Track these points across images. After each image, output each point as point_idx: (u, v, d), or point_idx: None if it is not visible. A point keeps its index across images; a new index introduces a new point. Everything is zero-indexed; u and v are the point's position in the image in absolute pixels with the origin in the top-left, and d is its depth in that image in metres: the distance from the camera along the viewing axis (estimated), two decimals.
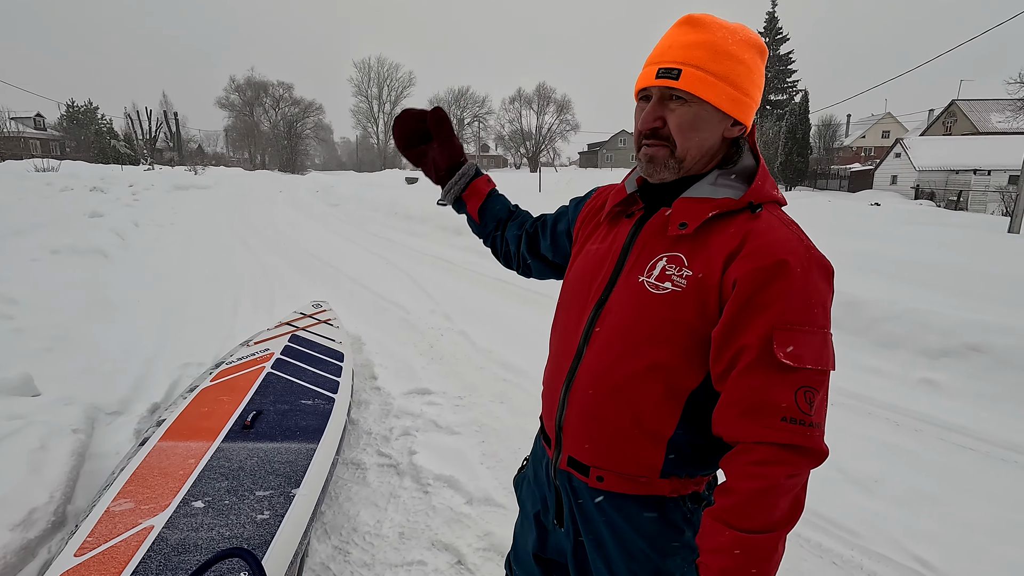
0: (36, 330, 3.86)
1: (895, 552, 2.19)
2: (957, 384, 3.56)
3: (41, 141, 46.59)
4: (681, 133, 0.91)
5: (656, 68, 0.89)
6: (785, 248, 0.85)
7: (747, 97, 0.90)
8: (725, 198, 0.91)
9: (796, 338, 0.81)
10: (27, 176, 15.68)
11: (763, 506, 0.79)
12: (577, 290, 1.06)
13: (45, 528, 2.05)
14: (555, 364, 1.08)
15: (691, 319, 0.89)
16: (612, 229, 1.05)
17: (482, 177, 1.35)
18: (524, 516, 1.24)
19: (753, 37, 0.91)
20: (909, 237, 8.61)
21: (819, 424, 0.84)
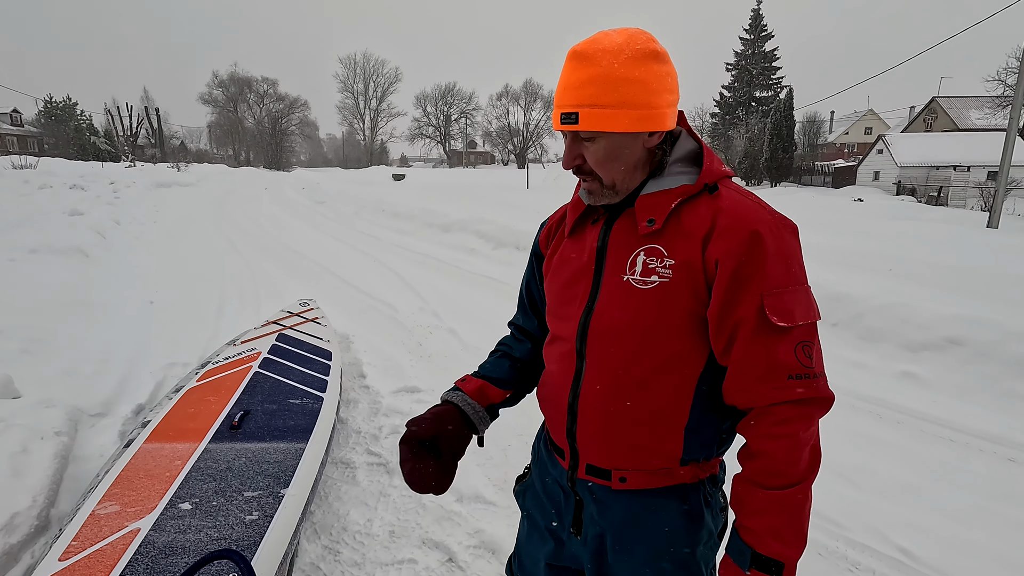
0: (15, 331, 3.79)
1: (878, 542, 2.23)
2: (937, 376, 3.63)
3: (18, 137, 45.65)
4: (600, 167, 0.93)
5: (559, 113, 0.90)
6: (754, 219, 0.89)
7: (653, 109, 0.89)
8: (682, 185, 0.94)
9: (784, 300, 0.87)
10: (3, 174, 15.33)
11: (791, 462, 0.86)
12: (562, 300, 1.06)
13: (28, 532, 2.02)
14: (555, 377, 1.07)
15: (687, 304, 0.92)
16: (580, 237, 1.05)
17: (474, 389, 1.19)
18: (533, 526, 1.20)
19: (643, 47, 0.87)
20: (890, 232, 8.76)
21: (821, 373, 0.89)
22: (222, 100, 65.04)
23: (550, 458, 1.13)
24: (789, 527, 0.87)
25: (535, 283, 1.21)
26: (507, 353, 1.25)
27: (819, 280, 4.72)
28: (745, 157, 34.08)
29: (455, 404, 1.16)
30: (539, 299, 1.21)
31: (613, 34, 0.88)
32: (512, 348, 1.26)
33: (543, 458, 1.16)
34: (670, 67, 0.91)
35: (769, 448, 0.87)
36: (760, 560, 0.87)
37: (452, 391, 1.19)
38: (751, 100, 42.39)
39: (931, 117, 38.25)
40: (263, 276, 6.96)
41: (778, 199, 19.77)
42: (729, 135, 38.13)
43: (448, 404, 1.17)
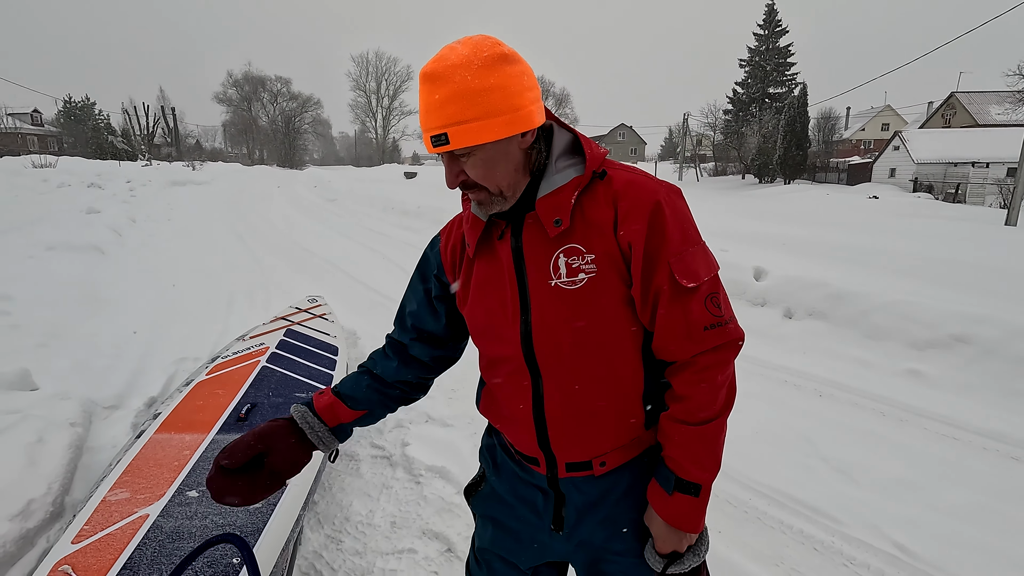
0: (33, 326, 3.91)
1: (874, 538, 2.24)
2: (942, 374, 3.61)
3: (39, 137, 46.51)
4: (483, 179, 0.94)
5: (428, 136, 0.90)
6: (649, 193, 0.95)
7: (517, 111, 0.89)
8: (573, 179, 0.96)
9: (687, 261, 0.94)
10: (23, 172, 15.66)
11: (710, 402, 0.96)
12: (492, 322, 1.05)
13: (43, 518, 2.10)
14: (509, 395, 1.07)
15: (618, 291, 0.97)
16: (490, 255, 1.04)
17: (324, 406, 1.16)
18: (500, 529, 1.18)
19: (490, 53, 0.87)
20: (902, 230, 8.65)
21: (730, 318, 0.97)
22: (236, 99, 65.75)
23: (520, 467, 1.12)
24: (708, 456, 0.97)
25: (426, 308, 1.17)
26: (369, 370, 1.21)
27: (825, 278, 4.71)
28: (758, 154, 33.71)
29: (291, 420, 1.15)
30: (431, 323, 1.17)
31: (459, 47, 0.88)
32: (375, 364, 1.21)
33: (509, 468, 1.14)
34: (523, 65, 0.91)
35: (692, 392, 0.96)
36: (683, 484, 0.98)
37: (300, 405, 1.16)
38: (765, 96, 41.90)
39: (950, 113, 37.58)
40: (273, 273, 7.06)
41: (789, 197, 19.59)
42: (742, 132, 37.76)
43: (282, 420, 1.14)
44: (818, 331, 4.36)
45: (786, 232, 8.76)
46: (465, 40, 0.89)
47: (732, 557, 2.13)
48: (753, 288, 5.02)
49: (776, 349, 4.26)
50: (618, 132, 72.30)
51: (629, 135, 72.50)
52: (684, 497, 0.97)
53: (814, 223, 10.47)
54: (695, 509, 0.98)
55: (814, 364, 3.96)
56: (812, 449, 2.88)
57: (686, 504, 0.97)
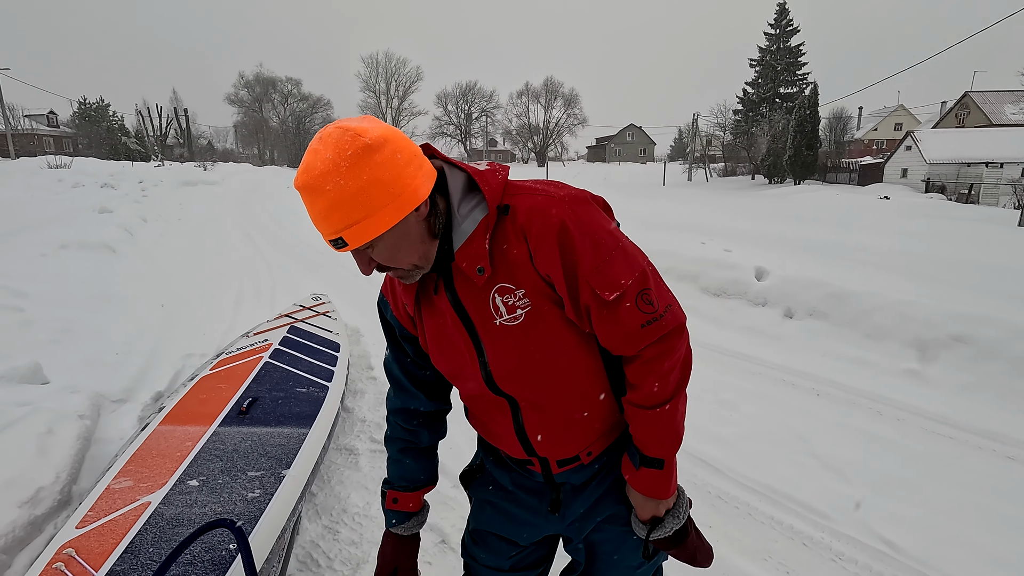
0: (45, 322, 4.01)
1: (863, 535, 2.26)
2: (941, 374, 3.61)
3: (54, 138, 47.23)
4: (392, 261, 0.95)
5: (328, 240, 0.91)
6: (551, 218, 0.94)
7: (402, 193, 0.87)
8: (481, 222, 0.97)
9: (605, 273, 0.95)
10: (39, 173, 15.96)
11: (661, 388, 1.01)
12: (454, 368, 1.12)
13: (51, 506, 2.17)
14: (491, 418, 1.15)
15: (556, 316, 1.01)
16: (431, 308, 1.08)
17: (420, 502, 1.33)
18: (497, 511, 1.27)
19: (353, 151, 0.83)
20: (909, 230, 8.60)
21: (666, 308, 0.99)
22: (248, 100, 66.40)
23: (519, 466, 1.20)
24: (666, 434, 1.04)
25: (406, 359, 1.22)
26: (415, 447, 1.30)
27: (826, 278, 4.71)
28: (768, 154, 33.50)
29: (415, 535, 1.33)
30: (419, 372, 1.23)
31: (322, 150, 0.84)
32: (419, 439, 1.30)
33: (509, 467, 1.23)
34: (392, 144, 0.87)
35: (642, 382, 1.02)
36: (647, 460, 1.06)
37: (405, 519, 1.30)
38: (775, 96, 41.64)
39: (963, 112, 37.12)
40: (280, 271, 7.16)
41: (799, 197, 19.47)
42: (752, 132, 37.53)
43: (411, 537, 1.32)
44: (818, 331, 4.37)
45: (791, 232, 8.73)
46: (325, 137, 0.85)
47: (720, 551, 2.16)
48: (754, 288, 5.02)
49: (775, 348, 4.27)
50: (627, 132, 72.11)
51: (638, 135, 72.29)
52: (649, 471, 1.06)
53: (821, 223, 10.42)
54: (662, 479, 1.06)
55: (813, 363, 3.96)
56: (806, 447, 2.90)
57: (652, 476, 1.06)
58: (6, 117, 33.73)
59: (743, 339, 4.49)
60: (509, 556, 1.27)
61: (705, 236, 7.27)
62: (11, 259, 5.64)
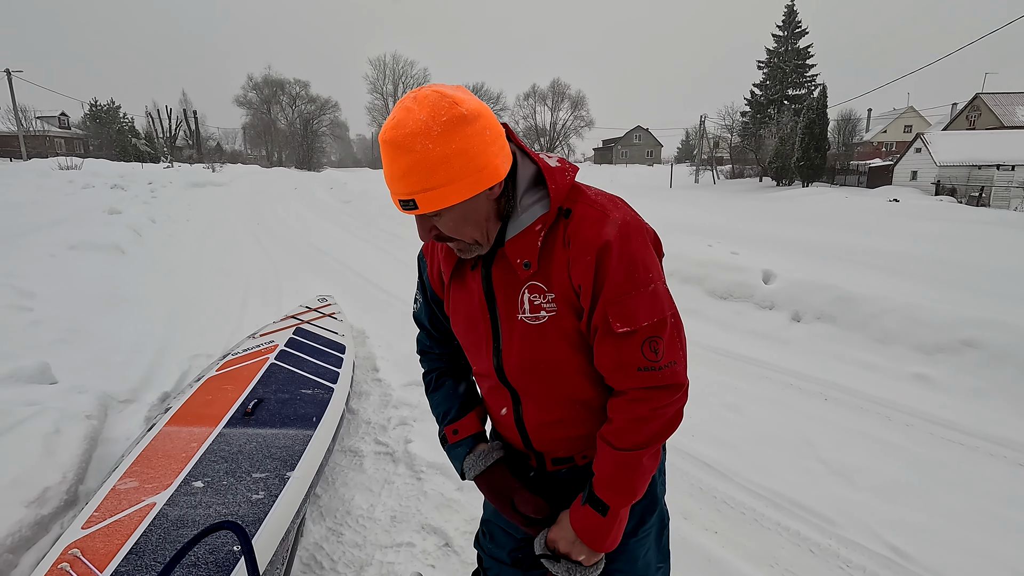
0: (53, 322, 4.04)
1: (870, 541, 2.24)
2: (950, 379, 3.56)
3: (66, 139, 47.65)
4: (456, 232, 0.96)
5: (396, 199, 0.92)
6: (599, 234, 0.94)
7: (483, 170, 0.88)
8: (540, 217, 0.97)
9: (626, 306, 0.94)
10: (50, 174, 16.11)
11: (633, 432, 0.98)
12: (469, 343, 1.13)
13: (58, 506, 2.18)
14: (495, 404, 1.17)
15: (575, 326, 1.01)
16: (463, 283, 1.09)
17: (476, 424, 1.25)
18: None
19: (448, 117, 0.84)
20: (917, 233, 8.52)
21: (670, 363, 0.97)
22: (256, 102, 66.72)
23: (517, 456, 1.22)
24: (620, 481, 1.00)
25: (434, 315, 1.24)
26: (452, 369, 1.29)
27: (834, 281, 4.67)
28: (776, 156, 33.30)
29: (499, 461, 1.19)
30: (445, 327, 1.24)
31: (415, 109, 0.85)
32: (454, 362, 1.29)
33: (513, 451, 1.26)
34: (483, 120, 0.88)
35: (617, 419, 1.00)
36: (593, 499, 1.02)
37: (475, 443, 1.20)
38: (783, 98, 41.41)
39: (974, 114, 36.76)
40: (287, 272, 7.19)
41: (807, 200, 19.37)
42: (760, 134, 37.34)
43: (498, 466, 1.19)
44: (826, 334, 4.33)
45: (799, 235, 8.68)
46: (421, 99, 0.86)
47: (726, 557, 2.15)
48: (761, 291, 4.99)
49: (782, 352, 4.24)
50: (634, 134, 71.97)
51: (645, 137, 72.13)
52: (591, 511, 1.01)
53: (829, 226, 10.35)
54: (599, 527, 1.01)
55: (820, 367, 3.93)
56: (812, 452, 2.87)
57: (591, 518, 1.01)
58: (18, 119, 34.09)
59: (749, 342, 4.46)
60: (509, 549, 1.29)
61: (712, 238, 7.23)
62: (21, 259, 5.69)
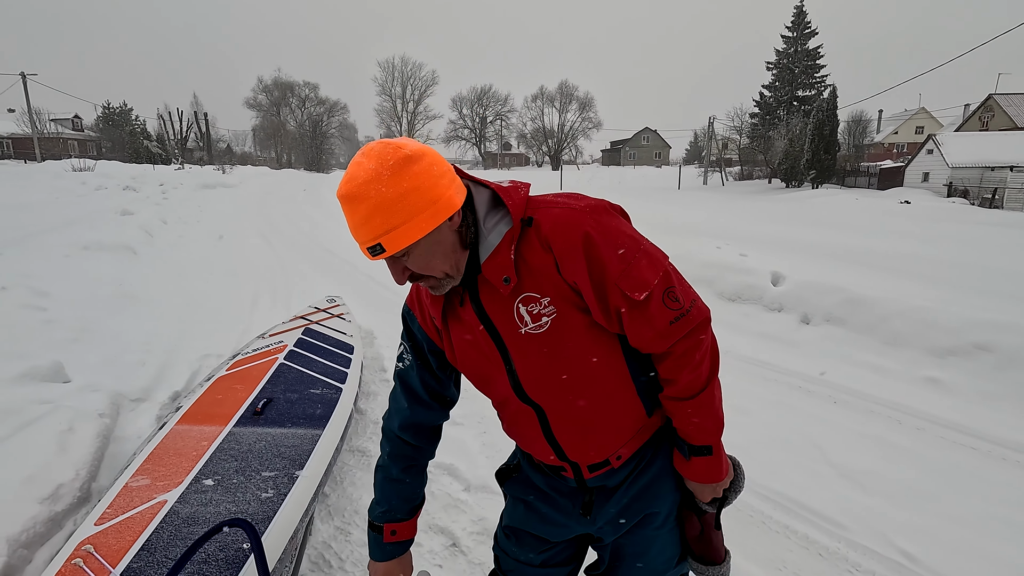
0: (67, 321, 4.09)
1: (880, 545, 2.22)
2: (962, 383, 3.53)
3: (79, 141, 48.25)
4: (427, 269, 1.00)
5: (364, 248, 0.96)
6: (575, 228, 0.99)
7: (437, 201, 0.94)
8: (506, 234, 1.01)
9: (632, 275, 0.99)
10: (64, 175, 16.32)
11: (695, 379, 1.06)
12: (483, 376, 1.15)
13: (71, 503, 2.21)
14: (522, 425, 1.17)
15: (581, 322, 1.04)
16: (457, 320, 1.12)
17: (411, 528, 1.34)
18: (531, 510, 1.29)
19: (394, 160, 0.91)
20: (929, 235, 8.44)
21: (690, 304, 1.04)
22: (266, 104, 67.20)
23: (553, 472, 1.23)
24: (707, 420, 1.09)
25: (427, 372, 1.24)
26: (417, 465, 1.32)
27: (843, 283, 4.64)
28: (785, 158, 33.11)
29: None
30: (437, 386, 1.25)
31: (364, 161, 0.92)
32: (423, 456, 1.32)
33: (544, 471, 1.26)
34: (428, 158, 0.94)
35: (677, 376, 1.06)
36: (695, 449, 1.12)
37: (404, 550, 1.32)
38: (793, 99, 41.16)
39: (987, 115, 36.36)
40: (296, 273, 7.24)
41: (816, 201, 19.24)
42: (769, 136, 37.14)
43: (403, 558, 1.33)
44: (835, 337, 4.30)
45: (809, 237, 8.62)
46: (367, 151, 0.93)
47: (734, 559, 2.13)
48: (770, 293, 4.97)
49: (791, 355, 4.21)
50: (642, 136, 71.81)
51: (653, 139, 71.95)
52: (700, 459, 1.12)
53: (839, 228, 10.28)
54: (713, 464, 1.12)
55: (830, 370, 3.90)
56: (821, 455, 2.85)
57: (704, 463, 1.12)
58: (33, 121, 34.57)
59: (758, 345, 4.44)
60: (540, 551, 1.30)
61: (720, 240, 7.20)
62: (36, 259, 5.77)
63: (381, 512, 1.30)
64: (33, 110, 34.50)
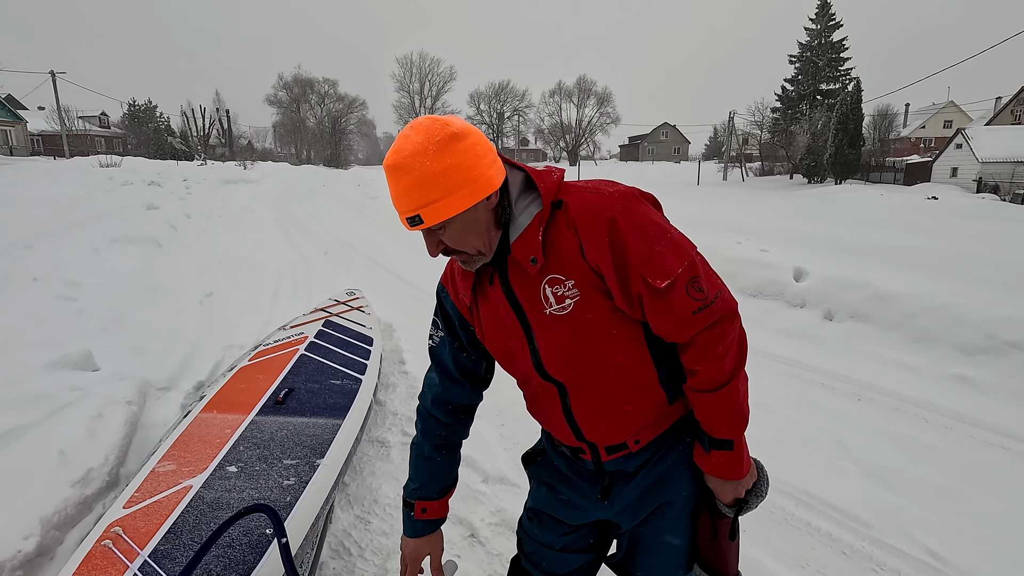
0: (96, 311, 4.20)
1: (906, 544, 2.18)
2: (993, 381, 3.43)
3: (105, 138, 49.30)
4: (461, 244, 1.02)
5: (404, 218, 0.98)
6: (601, 212, 1.00)
7: (477, 180, 0.96)
8: (536, 216, 1.03)
9: (656, 263, 0.99)
10: (92, 172, 16.72)
11: (718, 371, 1.04)
12: (507, 354, 1.17)
13: (100, 486, 2.27)
14: (543, 403, 1.19)
15: (604, 306, 1.04)
16: (484, 298, 1.15)
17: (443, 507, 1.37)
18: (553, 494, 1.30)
19: (441, 136, 0.94)
20: (957, 231, 8.22)
21: (716, 294, 1.03)
22: (286, 101, 67.96)
23: (572, 454, 1.24)
24: (731, 414, 1.07)
25: (459, 348, 1.26)
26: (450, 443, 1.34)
27: (868, 279, 4.55)
28: (808, 153, 32.51)
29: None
30: (467, 362, 1.27)
31: (412, 135, 0.95)
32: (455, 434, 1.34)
33: (562, 452, 1.27)
34: (473, 137, 0.97)
35: (700, 367, 1.05)
36: (716, 442, 1.09)
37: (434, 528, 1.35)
38: (816, 93, 40.40)
39: (1020, 108, 35.26)
40: (316, 267, 7.32)
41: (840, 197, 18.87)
42: (791, 130, 36.51)
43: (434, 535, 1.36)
44: (860, 333, 4.22)
45: (833, 233, 8.46)
46: (416, 125, 0.96)
47: (755, 555, 2.11)
48: (792, 288, 4.89)
49: (814, 351, 4.14)
50: (661, 131, 71.08)
51: (672, 134, 71.18)
52: (720, 453, 1.10)
53: (864, 224, 10.08)
54: (733, 460, 1.09)
55: (854, 367, 3.83)
56: (845, 452, 2.80)
57: (723, 458, 1.09)
58: (62, 119, 35.40)
59: (780, 341, 4.37)
60: (561, 534, 1.31)
61: (741, 236, 7.10)
62: (67, 252, 5.92)
63: (413, 489, 1.35)
64: (62, 108, 35.33)
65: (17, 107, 41.68)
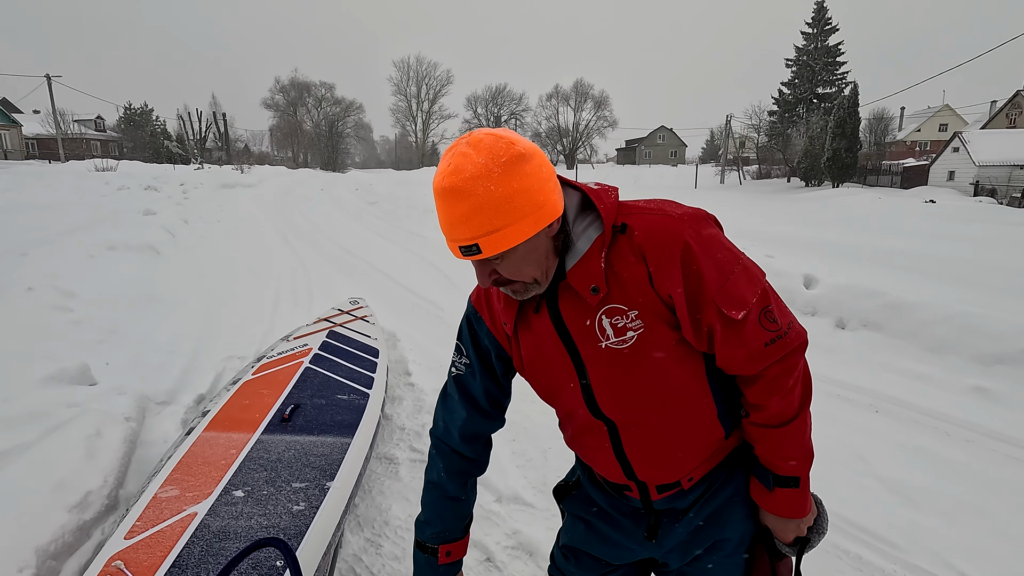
0: (92, 322, 4.09)
1: (937, 566, 2.10)
2: (1012, 392, 3.37)
3: (101, 142, 49.05)
4: (516, 275, 0.92)
5: (456, 246, 0.88)
6: (670, 236, 0.91)
7: (542, 207, 0.86)
8: (596, 240, 0.94)
9: (730, 292, 0.92)
10: (87, 176, 16.59)
11: (786, 406, 0.98)
12: (552, 389, 1.07)
13: (99, 511, 2.17)
14: (591, 440, 1.09)
15: (669, 339, 0.95)
16: (529, 328, 1.04)
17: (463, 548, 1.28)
18: (592, 530, 1.21)
19: (507, 157, 0.83)
20: (960, 235, 8.19)
21: (787, 326, 0.96)
22: (283, 104, 67.79)
23: (616, 491, 1.15)
24: (798, 451, 1.01)
25: (491, 381, 1.17)
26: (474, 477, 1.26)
27: (880, 287, 4.49)
28: (805, 156, 32.57)
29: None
30: (499, 394, 1.19)
31: (473, 155, 0.84)
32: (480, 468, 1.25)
33: (605, 489, 1.18)
34: (538, 157, 0.87)
35: (767, 402, 0.98)
36: (781, 479, 1.02)
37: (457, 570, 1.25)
38: (813, 97, 40.54)
39: (1015, 112, 35.43)
40: (316, 274, 7.22)
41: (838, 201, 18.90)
42: (788, 134, 36.60)
43: None
44: (873, 343, 4.15)
45: (837, 237, 8.42)
46: (476, 143, 0.85)
47: None
48: (803, 296, 4.82)
49: (827, 361, 4.07)
50: (658, 134, 71.22)
51: (669, 137, 71.32)
52: (784, 491, 1.02)
53: (863, 228, 10.05)
54: (798, 498, 1.03)
55: (869, 378, 3.76)
56: (867, 468, 2.73)
57: (789, 496, 1.03)
58: (57, 122, 35.18)
59: None
60: (600, 574, 1.22)
61: (744, 240, 7.05)
62: (63, 260, 5.81)
63: (434, 533, 1.22)
64: (57, 111, 35.12)
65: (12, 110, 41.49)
